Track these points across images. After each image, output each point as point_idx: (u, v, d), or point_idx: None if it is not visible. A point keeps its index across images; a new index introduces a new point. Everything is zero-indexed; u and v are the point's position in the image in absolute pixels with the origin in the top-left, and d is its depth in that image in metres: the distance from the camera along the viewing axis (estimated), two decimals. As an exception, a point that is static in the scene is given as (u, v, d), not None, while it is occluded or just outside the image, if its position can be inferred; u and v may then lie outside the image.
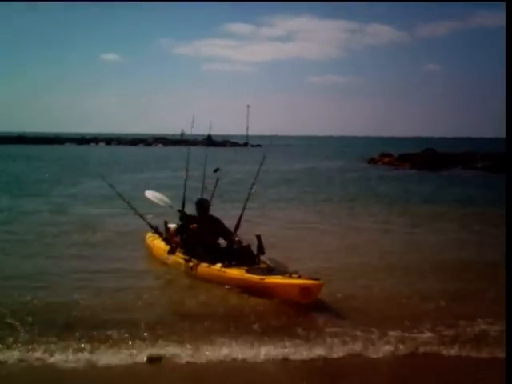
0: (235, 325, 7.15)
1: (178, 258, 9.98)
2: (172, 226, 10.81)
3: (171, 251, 10.15)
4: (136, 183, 24.72)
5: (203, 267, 9.30)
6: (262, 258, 9.10)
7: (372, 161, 48.99)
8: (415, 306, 8.10)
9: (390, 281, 9.50)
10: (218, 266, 9.07)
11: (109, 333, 6.71)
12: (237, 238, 9.65)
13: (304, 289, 7.92)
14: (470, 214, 17.67)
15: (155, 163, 43.92)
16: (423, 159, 42.38)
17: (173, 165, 36.22)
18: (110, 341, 6.51)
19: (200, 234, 9.72)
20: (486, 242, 12.85)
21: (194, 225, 9.81)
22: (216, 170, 10.29)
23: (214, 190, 11.08)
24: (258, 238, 9.21)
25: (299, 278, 8.13)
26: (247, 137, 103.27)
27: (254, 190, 10.46)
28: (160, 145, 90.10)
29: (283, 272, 8.46)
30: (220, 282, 8.91)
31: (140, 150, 77.69)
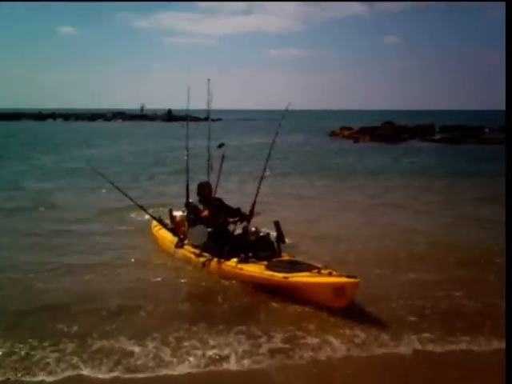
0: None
1: (188, 251, 8.78)
2: (178, 213, 9.81)
3: (179, 244, 9.04)
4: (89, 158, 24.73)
5: (216, 263, 8.13)
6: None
7: (333, 134, 49.42)
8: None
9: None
10: (233, 261, 7.90)
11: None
12: (253, 229, 8.26)
13: (338, 289, 6.63)
14: (417, 185, 17.97)
15: (107, 139, 43.06)
16: (382, 132, 43.06)
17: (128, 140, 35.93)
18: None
19: (213, 223, 8.54)
20: (436, 212, 13.41)
21: (206, 212, 8.58)
22: (220, 146, 9.25)
23: (220, 168, 9.34)
24: (277, 224, 8.11)
25: (330, 274, 6.89)
26: (208, 111, 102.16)
27: (268, 173, 9.07)
28: (119, 120, 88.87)
29: (310, 267, 7.23)
30: (236, 279, 7.81)
31: (98, 125, 76.47)
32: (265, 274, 7.38)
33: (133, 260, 9.08)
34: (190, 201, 9.45)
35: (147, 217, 11.63)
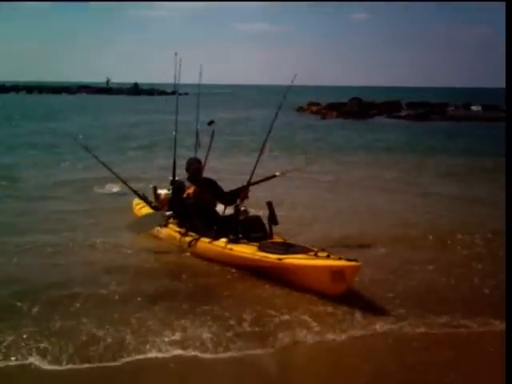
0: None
1: (172, 230, 8.20)
2: (163, 191, 9.31)
3: (163, 223, 8.41)
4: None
5: (204, 243, 7.57)
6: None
7: (300, 109, 49.37)
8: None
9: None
10: (223, 241, 7.34)
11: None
12: (243, 208, 7.75)
13: (336, 272, 6.10)
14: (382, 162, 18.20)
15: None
16: (350, 108, 43.31)
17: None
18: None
19: (199, 201, 8.02)
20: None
21: (191, 190, 8.06)
22: (210, 123, 8.92)
23: (209, 146, 9.08)
24: (269, 204, 7.50)
25: (328, 257, 6.40)
26: (175, 85, 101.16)
27: (267, 152, 8.19)
28: (84, 93, 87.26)
29: (306, 249, 6.72)
30: (225, 261, 7.28)
31: (62, 98, 74.94)
32: (257, 256, 6.85)
33: (101, 240, 8.51)
34: (177, 178, 9.00)
35: (115, 190, 11.45)
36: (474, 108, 52.15)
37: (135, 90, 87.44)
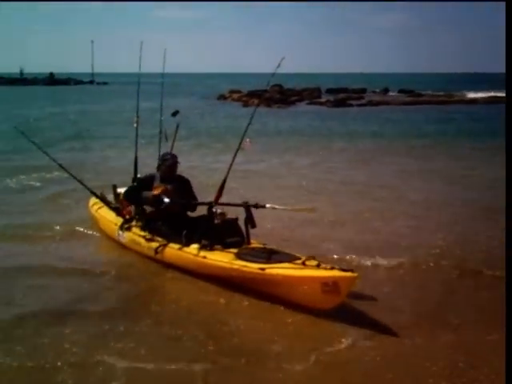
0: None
1: (136, 235, 7.19)
2: (123, 190, 8.04)
3: (125, 226, 7.46)
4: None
5: (173, 249, 6.59)
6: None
7: (222, 97, 49.33)
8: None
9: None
10: (195, 247, 6.38)
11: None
12: (219, 210, 6.57)
13: (329, 285, 5.28)
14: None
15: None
16: (271, 95, 43.84)
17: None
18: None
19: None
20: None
21: (159, 188, 6.98)
22: (175, 114, 8.42)
23: (173, 139, 8.33)
24: (246, 206, 6.45)
25: (318, 266, 5.52)
26: (92, 74, 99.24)
27: (247, 144, 7.05)
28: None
29: (291, 257, 5.84)
30: (198, 271, 6.38)
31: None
32: (235, 265, 5.91)
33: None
34: (138, 175, 8.14)
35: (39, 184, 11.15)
36: (391, 93, 54.14)
37: (51, 79, 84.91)
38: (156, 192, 6.91)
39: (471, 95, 49.44)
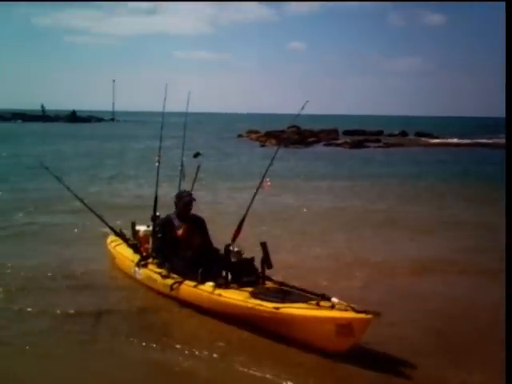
0: None
1: (152, 272, 7.22)
2: (142, 228, 8.34)
3: (142, 263, 7.52)
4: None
5: (188, 287, 6.60)
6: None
7: (240, 137, 50.23)
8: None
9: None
10: (210, 285, 6.39)
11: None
12: (236, 249, 6.62)
13: (343, 326, 5.22)
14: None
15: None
16: (288, 135, 44.09)
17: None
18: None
19: (188, 241, 7.15)
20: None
21: (182, 230, 7.17)
22: (196, 155, 8.39)
23: (194, 180, 8.49)
24: (264, 245, 6.49)
25: (333, 307, 5.49)
26: (113, 112, 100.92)
27: (266, 184, 6.96)
28: (19, 121, 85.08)
29: (306, 297, 5.86)
30: (212, 309, 6.34)
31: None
32: (250, 303, 5.90)
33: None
34: (158, 214, 8.15)
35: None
36: (410, 136, 54.21)
37: (73, 117, 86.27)
38: (180, 232, 7.12)
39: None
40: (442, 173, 23.41)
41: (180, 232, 7.11)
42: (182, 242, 7.11)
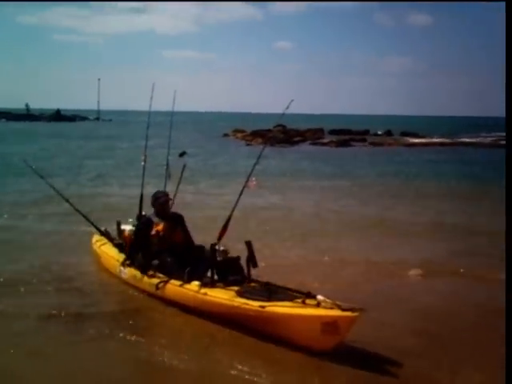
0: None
1: (137, 271, 7.21)
2: (127, 227, 8.22)
3: (127, 262, 7.48)
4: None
5: (174, 286, 6.59)
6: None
7: (226, 136, 50.14)
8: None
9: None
10: (196, 284, 6.38)
11: None
12: (222, 248, 6.70)
13: (328, 325, 5.22)
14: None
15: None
16: (274, 135, 44.18)
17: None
18: None
19: (169, 238, 7.19)
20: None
21: (160, 226, 7.18)
22: (182, 155, 8.73)
23: (180, 180, 8.57)
24: (248, 244, 6.55)
25: (318, 305, 5.49)
26: (99, 111, 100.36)
27: (254, 182, 7.13)
28: (3, 119, 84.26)
29: (291, 295, 5.88)
30: (198, 308, 6.34)
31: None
32: (236, 302, 5.91)
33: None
34: (143, 213, 8.17)
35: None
36: (395, 136, 54.49)
37: (58, 116, 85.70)
38: (159, 228, 7.17)
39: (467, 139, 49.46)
40: (426, 172, 23.53)
41: (159, 227, 7.16)
42: (163, 239, 7.14)
